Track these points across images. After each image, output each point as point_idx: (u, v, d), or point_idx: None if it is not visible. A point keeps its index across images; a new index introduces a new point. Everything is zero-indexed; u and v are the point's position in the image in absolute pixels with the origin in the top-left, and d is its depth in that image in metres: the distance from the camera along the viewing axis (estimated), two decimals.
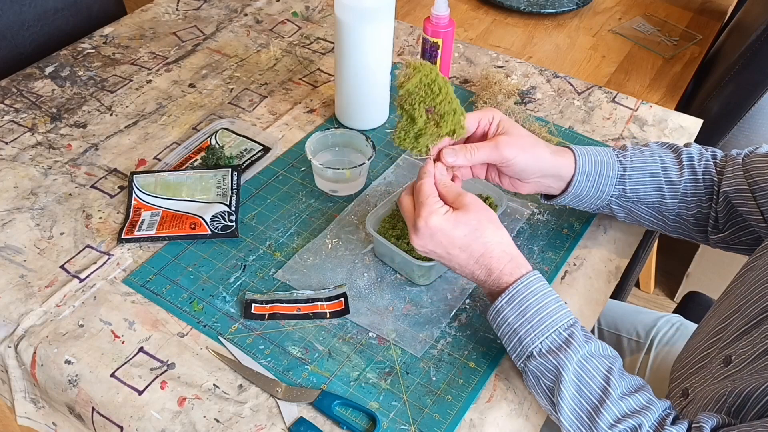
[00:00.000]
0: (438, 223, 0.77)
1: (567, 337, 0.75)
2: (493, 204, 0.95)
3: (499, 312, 0.77)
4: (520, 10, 1.53)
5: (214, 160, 1.04)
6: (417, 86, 0.80)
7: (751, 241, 0.91)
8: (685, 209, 0.92)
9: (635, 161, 0.91)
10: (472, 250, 0.78)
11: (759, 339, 0.74)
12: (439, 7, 1.05)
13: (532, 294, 0.76)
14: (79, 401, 0.80)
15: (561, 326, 0.76)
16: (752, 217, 0.88)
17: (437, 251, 0.78)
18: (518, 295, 0.76)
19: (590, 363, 0.74)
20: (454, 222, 0.77)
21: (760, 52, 1.26)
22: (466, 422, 0.78)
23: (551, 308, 0.76)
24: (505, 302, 0.77)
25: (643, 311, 1.22)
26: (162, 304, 0.87)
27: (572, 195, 0.91)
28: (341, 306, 0.87)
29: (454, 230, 0.77)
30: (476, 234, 0.77)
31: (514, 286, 0.77)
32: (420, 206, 0.78)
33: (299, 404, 0.78)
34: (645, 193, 0.91)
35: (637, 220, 0.95)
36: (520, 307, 0.76)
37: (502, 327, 0.78)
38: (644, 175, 0.91)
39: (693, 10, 1.60)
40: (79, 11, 1.39)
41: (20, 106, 1.15)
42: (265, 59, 1.28)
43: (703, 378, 0.81)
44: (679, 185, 0.91)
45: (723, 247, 0.95)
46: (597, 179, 0.90)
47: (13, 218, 0.97)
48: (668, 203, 0.91)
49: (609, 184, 0.91)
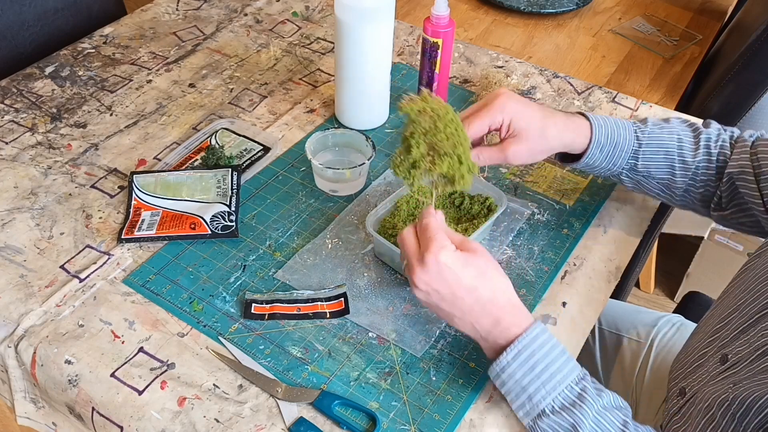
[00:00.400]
0: (448, 260, 0.72)
1: (580, 391, 0.72)
2: (493, 204, 0.95)
3: (505, 368, 0.73)
4: (520, 10, 1.53)
5: (214, 160, 1.04)
6: (417, 115, 0.77)
7: (750, 223, 0.92)
8: (693, 187, 0.93)
9: (652, 138, 0.91)
10: (479, 295, 0.73)
11: (756, 338, 0.74)
12: (439, 7, 1.05)
13: (540, 347, 0.73)
14: (79, 401, 0.80)
15: (572, 380, 0.73)
16: (753, 200, 0.88)
17: (441, 291, 0.73)
18: (525, 350, 0.73)
19: (605, 417, 0.72)
20: (463, 261, 0.73)
21: (760, 52, 1.26)
22: (466, 422, 0.78)
23: (560, 362, 0.73)
24: (512, 357, 0.73)
25: (644, 311, 1.22)
26: (162, 304, 0.87)
27: (584, 164, 0.92)
28: (341, 306, 0.87)
29: (463, 270, 0.73)
30: (484, 278, 0.74)
31: (520, 340, 0.73)
32: (429, 241, 0.73)
33: (299, 404, 0.78)
34: (657, 170, 0.92)
35: (644, 191, 0.96)
36: (527, 363, 0.72)
37: (507, 383, 0.74)
38: (659, 152, 0.91)
39: (693, 10, 1.60)
40: (79, 11, 1.39)
41: (20, 106, 1.15)
42: (265, 59, 1.28)
43: (701, 377, 0.81)
44: (691, 165, 0.91)
45: (723, 224, 0.96)
46: (611, 152, 0.90)
47: (13, 218, 0.97)
48: (678, 181, 0.92)
49: (622, 158, 0.91)
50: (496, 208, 0.94)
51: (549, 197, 1.04)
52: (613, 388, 1.13)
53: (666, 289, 2.14)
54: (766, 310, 0.75)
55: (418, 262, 0.73)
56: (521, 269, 0.94)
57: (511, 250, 0.96)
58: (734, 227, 0.95)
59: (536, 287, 0.92)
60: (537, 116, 0.87)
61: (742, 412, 0.70)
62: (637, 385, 1.11)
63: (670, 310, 1.27)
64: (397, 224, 0.91)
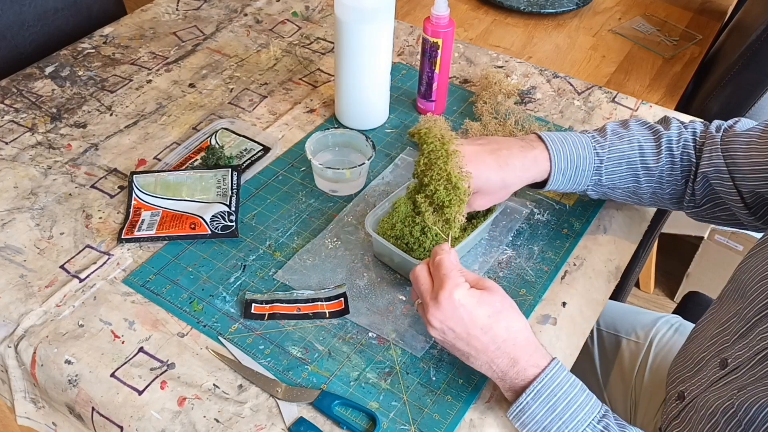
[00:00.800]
0: (462, 298, 0.71)
1: (602, 429, 0.71)
2: None
3: (525, 410, 0.72)
4: (520, 10, 1.53)
5: (214, 160, 1.04)
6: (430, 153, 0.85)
7: (725, 216, 0.92)
8: (660, 189, 0.93)
9: (612, 151, 0.92)
10: (494, 334, 0.72)
11: (755, 341, 0.74)
12: (439, 7, 1.05)
13: (560, 387, 0.72)
14: (79, 401, 0.80)
15: (594, 419, 0.71)
16: (729, 197, 0.88)
17: (456, 330, 0.72)
18: (545, 389, 0.72)
19: None
20: (478, 300, 0.72)
21: (760, 52, 1.26)
22: (466, 422, 0.78)
23: (581, 400, 0.72)
24: (531, 398, 0.72)
25: (642, 312, 1.22)
26: (162, 304, 0.87)
27: (548, 189, 0.93)
28: (341, 306, 0.87)
29: (478, 308, 0.72)
30: (500, 317, 0.73)
31: (539, 380, 0.72)
32: (443, 279, 0.72)
33: (299, 404, 0.78)
34: (621, 180, 0.93)
35: (611, 199, 0.98)
36: (548, 403, 0.71)
37: (528, 425, 0.73)
38: (620, 164, 0.92)
39: (693, 10, 1.60)
40: (79, 11, 1.39)
41: (20, 106, 1.15)
42: (265, 59, 1.28)
43: (700, 381, 0.81)
44: (655, 171, 0.91)
45: (697, 219, 0.97)
46: (573, 175, 0.91)
47: (13, 218, 0.97)
48: (643, 187, 0.93)
49: (585, 177, 0.92)
50: (494, 208, 0.94)
51: (549, 197, 1.04)
52: (612, 389, 1.13)
53: (666, 289, 2.14)
54: (764, 313, 0.75)
55: (432, 301, 0.73)
56: (521, 269, 0.94)
57: (511, 250, 0.96)
58: (709, 221, 0.96)
59: (536, 287, 0.92)
60: (492, 169, 0.87)
61: (748, 419, 0.70)
62: (636, 385, 1.11)
63: (669, 311, 1.27)
64: (396, 224, 0.91)
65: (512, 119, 1.13)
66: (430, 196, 0.86)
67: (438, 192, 0.85)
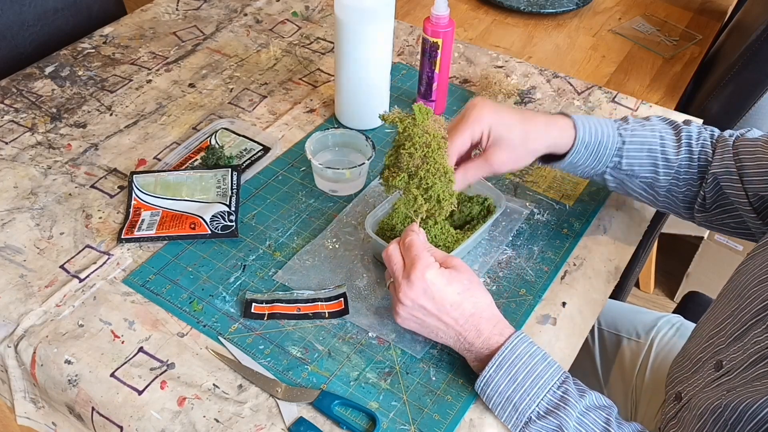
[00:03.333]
0: (433, 278, 0.76)
1: (562, 395, 0.74)
2: (492, 205, 0.95)
3: (489, 382, 0.76)
4: (520, 10, 1.53)
5: (214, 160, 1.04)
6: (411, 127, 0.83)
7: (734, 224, 0.91)
8: (677, 186, 0.92)
9: (635, 135, 0.90)
10: (463, 309, 0.77)
11: (750, 345, 0.74)
12: (439, 7, 1.05)
13: (520, 356, 0.75)
14: (79, 401, 0.80)
15: (554, 384, 0.75)
16: (738, 200, 0.88)
17: (427, 306, 0.76)
18: (507, 360, 0.75)
19: (588, 417, 0.74)
20: (448, 278, 0.77)
21: (760, 52, 1.25)
22: (466, 422, 0.78)
23: (541, 367, 0.75)
24: (494, 370, 0.75)
25: (643, 311, 1.22)
26: (162, 304, 0.87)
27: (568, 163, 0.90)
28: (341, 306, 0.87)
29: (448, 287, 0.76)
30: (467, 294, 0.77)
31: (500, 351, 0.75)
32: (415, 259, 0.77)
33: (299, 404, 0.78)
34: (640, 167, 0.91)
35: (627, 191, 0.95)
36: (510, 372, 0.75)
37: (493, 398, 0.76)
38: (642, 150, 0.90)
39: (693, 10, 1.60)
40: (79, 11, 1.39)
41: (20, 106, 1.15)
42: (265, 59, 1.28)
43: (696, 383, 0.81)
44: (674, 163, 0.90)
45: (706, 226, 0.95)
46: (596, 150, 0.89)
47: (13, 218, 0.97)
48: (661, 180, 0.91)
49: (606, 156, 0.90)
50: (495, 209, 0.94)
51: (549, 197, 1.04)
52: (612, 388, 1.13)
53: (666, 289, 2.14)
54: (759, 317, 0.74)
55: (405, 280, 0.77)
56: (521, 269, 0.94)
57: (511, 250, 0.96)
58: (718, 229, 0.95)
59: (536, 287, 0.92)
60: (516, 121, 0.86)
61: (735, 419, 0.70)
62: (637, 385, 1.11)
63: (670, 310, 1.27)
64: (396, 225, 0.91)
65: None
66: (424, 187, 0.85)
67: (434, 185, 0.84)
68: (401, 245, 0.80)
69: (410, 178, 0.85)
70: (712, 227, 0.95)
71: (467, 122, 0.85)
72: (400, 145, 0.84)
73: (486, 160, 0.87)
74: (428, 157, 0.83)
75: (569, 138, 0.88)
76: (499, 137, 0.85)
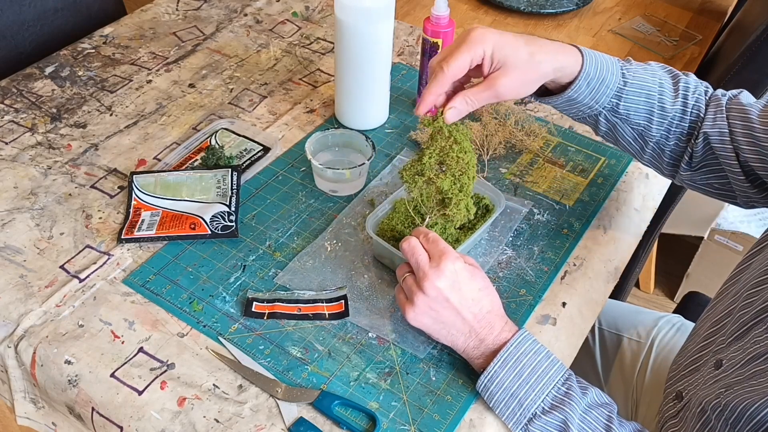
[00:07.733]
0: (461, 270, 0.77)
1: (566, 390, 0.75)
2: (490, 205, 0.95)
3: (493, 378, 0.76)
4: (520, 10, 1.53)
5: (214, 160, 1.04)
6: (437, 133, 0.84)
7: (718, 185, 0.89)
8: (666, 139, 0.88)
9: (636, 77, 0.86)
10: (482, 306, 0.78)
11: (749, 344, 0.74)
12: (439, 7, 1.05)
13: (525, 354, 0.76)
14: (79, 401, 0.80)
15: (558, 381, 0.76)
16: (727, 161, 0.85)
17: (451, 299, 0.77)
18: (512, 357, 0.76)
19: (591, 414, 0.74)
20: (471, 273, 0.79)
21: (760, 52, 1.25)
22: (466, 422, 0.78)
23: (545, 364, 0.76)
24: (499, 366, 0.76)
25: (644, 311, 1.22)
26: (162, 304, 0.87)
27: (566, 98, 0.83)
28: (341, 308, 0.87)
29: (472, 281, 0.78)
30: (487, 291, 0.79)
31: (506, 348, 0.76)
32: (444, 250, 0.78)
33: (299, 404, 0.78)
34: (636, 113, 0.86)
35: (616, 138, 0.90)
36: (515, 369, 0.76)
37: (496, 394, 0.76)
38: (641, 95, 0.86)
39: (693, 10, 1.60)
40: (79, 11, 1.39)
41: (20, 106, 1.15)
42: (265, 59, 1.28)
43: (696, 381, 0.81)
44: (669, 113, 0.87)
45: (688, 185, 0.93)
46: (597, 87, 0.83)
47: (13, 218, 0.97)
48: (653, 129, 0.87)
49: (606, 96, 0.84)
50: (493, 208, 0.94)
51: (549, 197, 1.04)
52: (613, 388, 1.13)
53: (666, 290, 2.14)
54: (760, 317, 0.74)
55: (433, 270, 0.77)
56: (521, 269, 0.94)
57: (511, 250, 0.96)
58: (700, 189, 0.92)
59: (536, 287, 0.92)
60: (520, 42, 0.79)
61: (734, 419, 0.71)
62: (638, 385, 1.11)
63: (670, 310, 1.27)
64: (396, 226, 0.91)
65: (512, 119, 1.13)
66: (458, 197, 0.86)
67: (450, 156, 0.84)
68: (423, 240, 0.80)
69: (453, 183, 0.86)
70: (693, 186, 0.92)
71: (468, 43, 0.77)
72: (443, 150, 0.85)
73: (490, 86, 0.78)
74: (467, 170, 0.85)
75: (576, 65, 0.81)
76: (504, 58, 0.77)
